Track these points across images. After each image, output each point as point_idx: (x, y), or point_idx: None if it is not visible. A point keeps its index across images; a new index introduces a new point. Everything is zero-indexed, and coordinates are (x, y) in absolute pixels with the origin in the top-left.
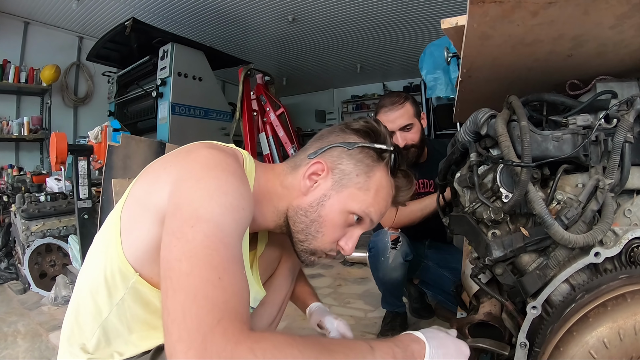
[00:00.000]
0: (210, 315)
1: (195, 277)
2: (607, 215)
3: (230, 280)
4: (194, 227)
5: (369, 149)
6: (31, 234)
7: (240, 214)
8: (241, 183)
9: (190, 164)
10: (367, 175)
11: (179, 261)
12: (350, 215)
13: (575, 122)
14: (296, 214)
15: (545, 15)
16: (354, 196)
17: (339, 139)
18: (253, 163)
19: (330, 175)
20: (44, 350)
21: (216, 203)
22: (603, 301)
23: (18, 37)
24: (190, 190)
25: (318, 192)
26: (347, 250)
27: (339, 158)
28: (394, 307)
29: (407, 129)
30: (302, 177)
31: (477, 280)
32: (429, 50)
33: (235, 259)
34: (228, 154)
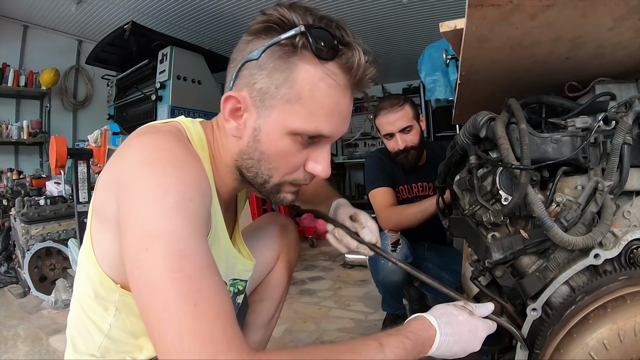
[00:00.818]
0: (204, 352)
1: (172, 314)
2: (607, 217)
3: (206, 301)
4: (149, 251)
5: (276, 47)
6: (31, 237)
7: (190, 207)
8: (180, 168)
9: (123, 164)
10: (288, 81)
11: (151, 296)
12: (297, 137)
13: (574, 124)
14: (243, 160)
15: (544, 18)
16: (286, 114)
17: (244, 54)
18: (200, 128)
19: (250, 102)
20: (44, 353)
21: (159, 210)
22: (603, 303)
23: (17, 40)
24: (130, 201)
25: (249, 128)
26: (321, 173)
27: (250, 77)
28: (394, 310)
29: (407, 131)
30: (225, 121)
31: (477, 283)
32: (427, 52)
33: (202, 269)
34: (163, 134)
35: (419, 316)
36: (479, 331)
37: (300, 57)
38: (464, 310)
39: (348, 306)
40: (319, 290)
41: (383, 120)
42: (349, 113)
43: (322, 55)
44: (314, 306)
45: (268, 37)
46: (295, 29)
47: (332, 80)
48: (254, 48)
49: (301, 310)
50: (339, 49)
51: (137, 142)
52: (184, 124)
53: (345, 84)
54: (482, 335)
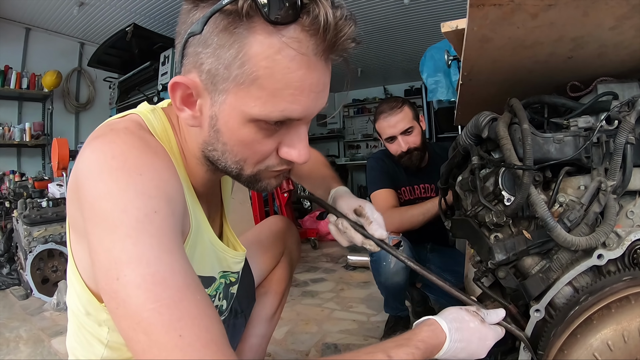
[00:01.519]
0: None
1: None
2: (610, 217)
3: (191, 329)
4: (120, 280)
5: (220, 16)
6: (33, 239)
7: (156, 221)
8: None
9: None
10: (237, 58)
11: (134, 332)
12: (260, 122)
13: (577, 124)
14: (209, 152)
15: (545, 17)
16: (242, 98)
17: (186, 26)
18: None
19: (201, 86)
20: (46, 355)
21: (122, 232)
22: (607, 303)
23: (19, 43)
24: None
25: (205, 117)
26: (296, 158)
27: (196, 56)
28: (396, 311)
29: (408, 132)
30: (178, 111)
31: (480, 284)
32: (429, 53)
33: (180, 291)
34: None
35: (431, 320)
36: (488, 340)
37: (249, 26)
38: (476, 316)
39: (350, 308)
40: (321, 292)
41: (384, 123)
42: (324, 86)
43: (278, 20)
44: (316, 308)
45: (209, 4)
46: None
47: (294, 50)
48: (194, 19)
49: (303, 312)
50: (298, 7)
51: (89, 149)
52: (142, 115)
53: (313, 52)
54: (490, 344)
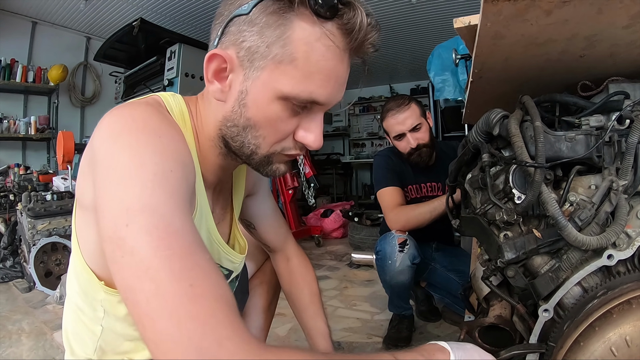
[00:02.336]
0: (207, 337)
1: (165, 297)
2: (621, 217)
3: (202, 281)
4: (129, 227)
5: (270, 1)
6: (37, 232)
7: (171, 179)
8: (156, 138)
9: (97, 139)
10: (281, 39)
11: (139, 279)
12: (288, 102)
13: (589, 123)
14: (227, 128)
15: (559, 14)
16: (277, 76)
17: (232, 7)
18: (182, 102)
19: (237, 62)
20: (48, 348)
21: (138, 183)
22: (628, 298)
23: (26, 36)
24: (105, 178)
25: (234, 91)
26: (312, 143)
27: (238, 35)
28: (400, 310)
29: (417, 128)
30: (208, 83)
31: (489, 283)
32: (437, 52)
33: (192, 245)
34: (140, 104)
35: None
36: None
37: (296, 13)
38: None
39: (354, 306)
40: (325, 289)
41: (392, 120)
42: (345, 80)
43: (321, 14)
44: None
45: None
46: None
47: (331, 41)
48: (244, 2)
49: None
50: (339, 8)
51: (109, 115)
52: (162, 97)
53: (344, 47)
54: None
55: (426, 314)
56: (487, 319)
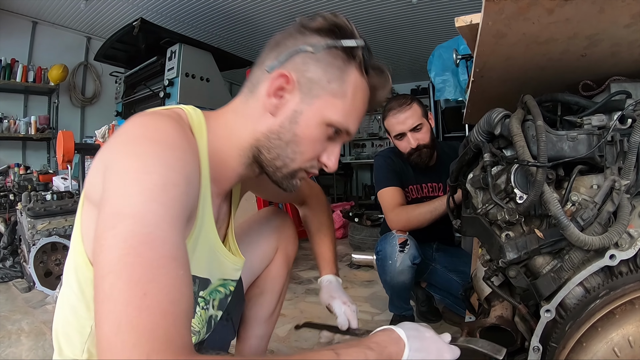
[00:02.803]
0: (136, 350)
1: (117, 300)
2: (623, 217)
3: (157, 295)
4: (114, 230)
5: (338, 49)
6: (37, 232)
7: (172, 193)
8: (169, 150)
9: (114, 142)
10: (340, 79)
11: (102, 278)
12: (329, 128)
13: (590, 123)
14: (268, 139)
15: (561, 13)
16: (329, 106)
17: (300, 43)
18: (201, 115)
19: (297, 86)
20: (47, 348)
21: (137, 190)
22: (630, 299)
23: (26, 36)
24: (113, 178)
25: (288, 109)
26: (331, 165)
27: (304, 65)
28: (401, 311)
29: (418, 129)
30: (267, 96)
31: (490, 283)
32: (437, 52)
33: (163, 258)
34: (161, 116)
35: (387, 328)
36: (445, 353)
37: (353, 64)
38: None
39: None
40: None
41: (393, 120)
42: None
43: (366, 71)
44: (319, 306)
45: (328, 37)
46: (358, 42)
47: (366, 91)
48: (311, 42)
49: (307, 310)
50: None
51: (131, 122)
52: (185, 110)
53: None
54: (447, 357)
55: (426, 315)
56: (488, 319)
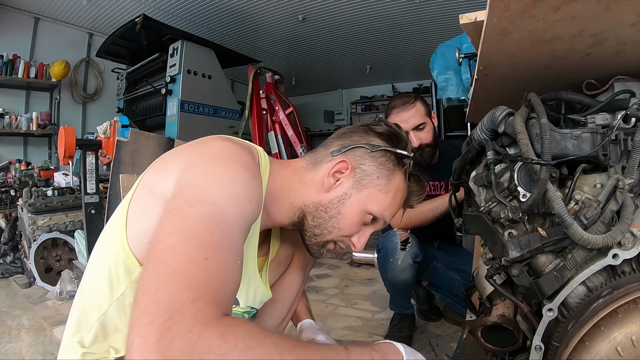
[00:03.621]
0: (185, 293)
1: (179, 252)
2: (627, 216)
3: (217, 264)
4: (194, 207)
5: (391, 153)
6: (37, 228)
7: (246, 206)
8: (252, 175)
9: (201, 153)
10: (387, 178)
11: (169, 235)
12: (368, 215)
13: (594, 121)
14: (316, 209)
15: (567, 11)
16: (373, 197)
17: (363, 140)
18: (268, 159)
19: (352, 174)
20: (47, 344)
21: (222, 190)
22: (633, 298)
23: (28, 32)
24: (197, 177)
25: (340, 190)
26: (359, 247)
27: (361, 158)
28: (402, 309)
29: (420, 128)
30: (326, 174)
31: (492, 282)
32: (440, 51)
33: (230, 246)
34: (242, 147)
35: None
36: None
37: (400, 169)
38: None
39: (355, 304)
40: (325, 287)
41: (396, 118)
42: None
43: (409, 177)
44: (320, 304)
45: (386, 142)
46: (408, 152)
47: (405, 193)
48: (372, 141)
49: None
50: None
51: (220, 142)
52: (257, 150)
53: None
54: None
55: (427, 313)
56: (490, 318)
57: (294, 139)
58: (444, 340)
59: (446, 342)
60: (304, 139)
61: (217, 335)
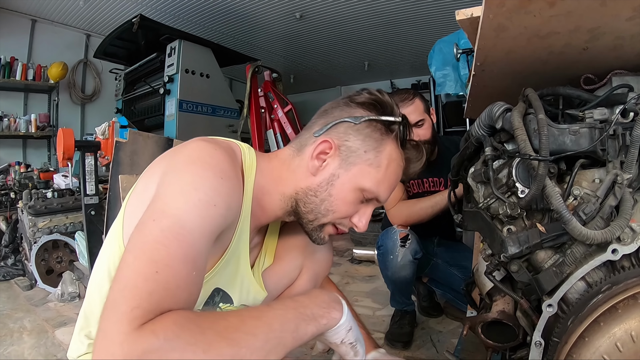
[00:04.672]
0: (126, 304)
1: (131, 270)
2: (625, 211)
3: (167, 276)
4: (155, 221)
5: (377, 122)
6: (38, 230)
7: (210, 211)
8: (219, 177)
9: (176, 157)
10: (376, 150)
11: (128, 252)
12: (362, 193)
13: (592, 116)
14: (306, 195)
15: (563, 6)
16: (364, 173)
17: (344, 114)
18: (254, 155)
19: (337, 152)
20: (49, 346)
21: (184, 199)
22: (633, 293)
23: (25, 34)
24: (167, 184)
25: (327, 172)
26: (361, 227)
27: (345, 134)
28: (402, 306)
29: (419, 125)
30: (310, 158)
31: (492, 278)
32: (438, 46)
33: (186, 258)
34: (219, 147)
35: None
36: None
37: (390, 137)
38: None
39: (356, 302)
40: None
41: None
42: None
43: (402, 145)
44: None
45: (369, 111)
46: (396, 117)
47: (401, 162)
48: (354, 114)
49: None
50: (409, 142)
51: (195, 144)
52: (241, 147)
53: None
54: None
55: (428, 310)
56: (490, 314)
57: (293, 137)
58: (445, 336)
59: (447, 338)
60: None
61: (149, 334)
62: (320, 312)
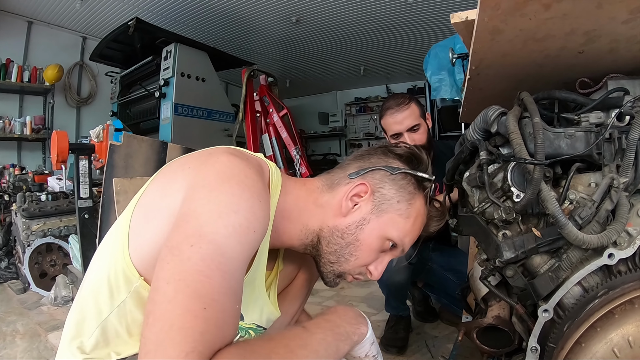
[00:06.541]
0: (179, 348)
1: (176, 305)
2: (622, 215)
3: (216, 312)
4: (193, 247)
5: (412, 176)
6: (32, 233)
7: (249, 237)
8: (257, 200)
9: (207, 170)
10: (408, 202)
11: (167, 283)
12: (387, 242)
13: (588, 120)
14: (332, 234)
15: (558, 9)
16: (393, 222)
17: (382, 162)
18: (280, 176)
19: (371, 198)
20: (42, 350)
21: (223, 222)
22: (630, 298)
23: (21, 36)
24: (201, 202)
25: (358, 215)
26: (376, 275)
27: (381, 182)
28: (397, 311)
29: (415, 129)
30: (344, 198)
31: (487, 283)
32: (433, 51)
33: (230, 290)
34: (250, 164)
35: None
36: None
37: (421, 193)
38: None
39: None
40: (321, 290)
41: (390, 119)
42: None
43: (429, 201)
44: (316, 306)
45: (405, 164)
46: (429, 176)
47: (425, 218)
48: (392, 164)
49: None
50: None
51: (227, 158)
52: (269, 166)
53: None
54: None
55: (423, 315)
56: (485, 319)
57: (288, 141)
58: (440, 342)
59: (442, 343)
60: (298, 141)
61: None
62: (352, 329)
